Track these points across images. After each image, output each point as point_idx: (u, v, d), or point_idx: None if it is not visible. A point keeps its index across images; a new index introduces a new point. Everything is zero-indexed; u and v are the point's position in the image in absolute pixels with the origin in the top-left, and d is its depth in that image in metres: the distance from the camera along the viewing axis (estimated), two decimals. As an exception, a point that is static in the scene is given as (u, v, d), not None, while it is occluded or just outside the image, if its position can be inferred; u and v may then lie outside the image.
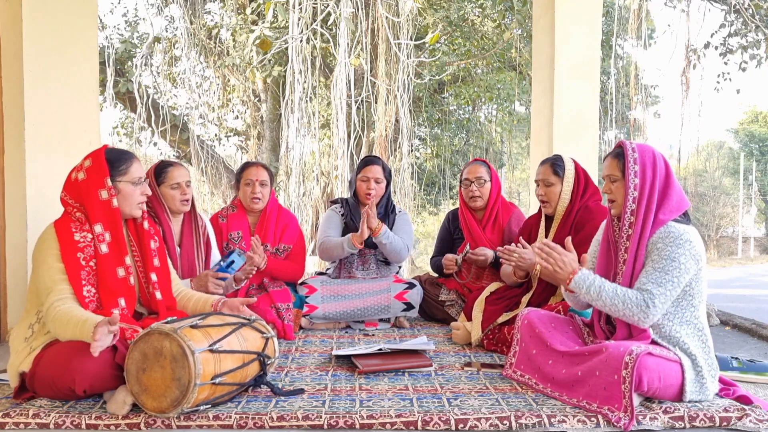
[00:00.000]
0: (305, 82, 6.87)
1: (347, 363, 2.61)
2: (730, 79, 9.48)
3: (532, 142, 4.85)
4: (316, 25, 6.66)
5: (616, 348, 1.99)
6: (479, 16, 9.92)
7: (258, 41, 7.17)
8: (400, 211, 3.66)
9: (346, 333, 3.37)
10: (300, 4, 6.48)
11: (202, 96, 9.76)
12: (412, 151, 9.71)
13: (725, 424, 1.95)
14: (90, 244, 2.15)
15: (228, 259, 2.84)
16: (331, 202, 3.83)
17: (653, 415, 1.95)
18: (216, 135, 10.85)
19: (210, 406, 2.00)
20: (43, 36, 3.30)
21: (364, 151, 8.43)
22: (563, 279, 2.15)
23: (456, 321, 3.25)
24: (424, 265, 11.35)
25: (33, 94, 3.26)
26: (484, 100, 10.53)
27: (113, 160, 2.20)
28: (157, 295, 2.27)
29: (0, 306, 3.30)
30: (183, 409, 1.89)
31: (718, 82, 9.60)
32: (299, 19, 6.58)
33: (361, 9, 6.51)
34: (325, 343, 3.09)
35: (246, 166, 3.45)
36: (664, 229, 2.10)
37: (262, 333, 2.24)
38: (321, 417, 1.94)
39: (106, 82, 7.60)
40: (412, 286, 3.46)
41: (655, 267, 2.06)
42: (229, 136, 11.11)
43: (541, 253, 2.16)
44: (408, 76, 7.48)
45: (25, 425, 1.94)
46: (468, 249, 3.44)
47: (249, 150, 10.52)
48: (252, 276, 3.09)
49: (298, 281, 3.57)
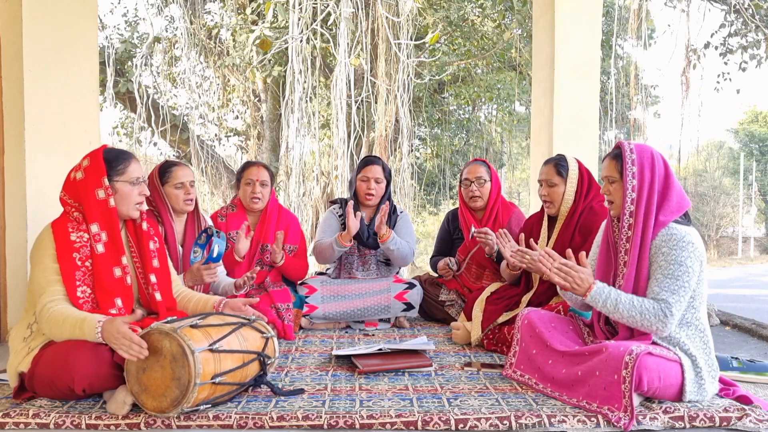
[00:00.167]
0: (305, 82, 6.87)
1: (347, 363, 2.61)
2: (730, 79, 9.49)
3: (532, 142, 4.85)
4: (316, 25, 6.66)
5: (616, 348, 1.99)
6: (479, 16, 9.92)
7: (258, 41, 7.17)
8: (402, 212, 3.65)
9: (346, 333, 3.37)
10: (300, 4, 6.48)
11: (202, 96, 9.76)
12: (412, 151, 9.71)
13: (725, 424, 1.95)
14: (86, 244, 2.15)
15: (211, 247, 2.68)
16: (331, 202, 3.83)
17: (653, 415, 1.96)
18: (216, 135, 10.85)
19: (210, 405, 2.00)
20: (43, 36, 3.30)
21: (364, 151, 8.43)
22: (580, 294, 2.14)
23: (456, 321, 3.25)
24: (424, 265, 11.35)
25: (33, 94, 3.26)
26: (484, 100, 10.52)
27: (111, 160, 2.20)
28: (157, 296, 2.26)
29: (0, 306, 3.30)
30: (183, 409, 1.89)
31: (718, 82, 9.61)
32: (299, 19, 6.58)
33: (361, 9, 6.51)
34: (325, 343, 3.09)
35: (247, 165, 3.45)
36: (666, 231, 2.09)
37: (262, 333, 2.24)
38: (321, 417, 1.94)
39: (106, 82, 7.60)
40: (412, 286, 3.46)
41: (665, 274, 2.05)
42: (229, 136, 11.11)
43: (560, 273, 2.15)
44: (408, 76, 7.48)
45: (25, 425, 1.94)
46: (473, 230, 3.35)
47: (249, 150, 10.52)
48: (253, 280, 3.10)
49: (299, 281, 3.57)
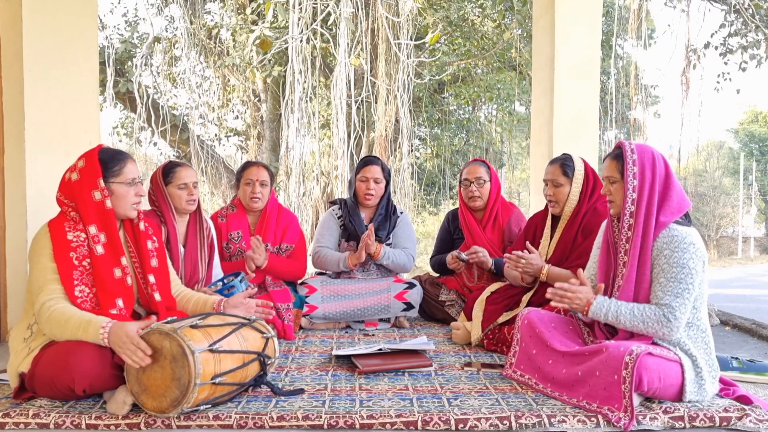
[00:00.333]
0: (305, 82, 6.87)
1: (347, 363, 2.61)
2: (730, 79, 9.49)
3: (532, 142, 4.85)
4: (316, 25, 6.66)
5: (617, 348, 1.99)
6: (479, 16, 9.92)
7: (258, 41, 7.17)
8: (401, 213, 3.65)
9: (346, 333, 3.37)
10: (300, 4, 6.48)
11: (202, 96, 9.76)
12: (412, 151, 9.71)
13: (725, 424, 1.95)
14: (83, 244, 2.14)
15: (229, 284, 2.84)
16: (330, 202, 3.83)
17: (653, 415, 1.96)
18: (216, 135, 10.85)
19: (210, 406, 2.00)
20: (43, 36, 3.30)
21: (364, 151, 8.43)
22: (581, 312, 2.17)
23: (456, 321, 3.25)
24: (424, 265, 11.33)
25: (33, 94, 3.26)
26: (484, 100, 10.53)
27: (106, 161, 2.18)
28: (156, 296, 2.26)
29: (0, 306, 3.30)
30: (183, 409, 1.89)
31: (718, 82, 9.61)
32: (299, 19, 6.58)
33: (361, 9, 6.51)
34: (325, 343, 3.09)
35: (247, 165, 3.45)
36: (667, 232, 2.09)
37: (262, 333, 2.24)
38: (321, 417, 1.94)
39: (106, 82, 7.60)
40: (412, 286, 3.46)
41: (668, 277, 2.05)
42: (229, 136, 11.11)
43: (555, 296, 2.17)
44: (408, 76, 7.48)
45: (25, 425, 1.94)
46: (464, 255, 3.39)
47: (249, 150, 10.52)
48: (253, 278, 3.10)
49: (299, 281, 3.57)
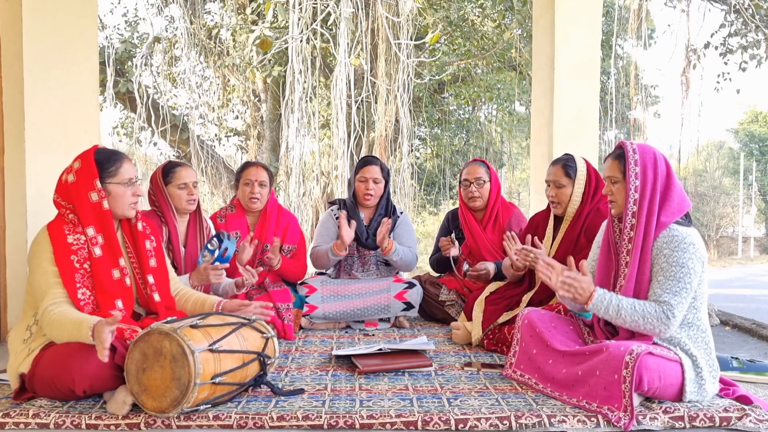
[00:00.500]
0: (305, 82, 6.87)
1: (347, 363, 2.61)
2: (730, 79, 9.49)
3: (532, 142, 4.85)
4: (316, 25, 6.66)
5: (617, 348, 1.99)
6: (479, 16, 9.92)
7: (258, 41, 7.17)
8: (401, 213, 3.65)
9: (346, 333, 3.37)
10: (300, 4, 6.48)
11: (202, 96, 9.76)
12: (412, 151, 9.71)
13: (725, 424, 1.95)
14: (83, 247, 2.14)
15: (222, 247, 2.77)
16: (329, 203, 3.82)
17: (653, 415, 1.95)
18: (216, 135, 10.85)
19: (210, 406, 2.00)
20: (43, 36, 3.30)
21: (364, 151, 8.43)
22: (582, 302, 2.14)
23: (456, 321, 3.24)
24: (424, 265, 11.32)
25: (33, 94, 3.26)
26: (484, 100, 10.53)
27: (102, 162, 2.17)
28: (155, 296, 2.26)
29: (0, 306, 3.30)
30: (183, 409, 1.89)
31: (718, 82, 9.60)
32: (299, 19, 6.58)
33: (361, 9, 6.51)
34: (325, 343, 3.09)
35: (246, 165, 3.45)
36: (668, 232, 2.09)
37: (262, 333, 2.24)
38: (321, 417, 1.94)
39: (106, 82, 7.60)
40: (412, 285, 3.46)
41: (666, 276, 2.05)
42: (229, 136, 11.11)
43: (564, 286, 2.14)
44: (408, 76, 7.48)
45: (25, 425, 1.94)
46: (467, 268, 3.44)
47: (249, 150, 10.52)
48: (255, 280, 3.09)
49: (299, 281, 3.57)
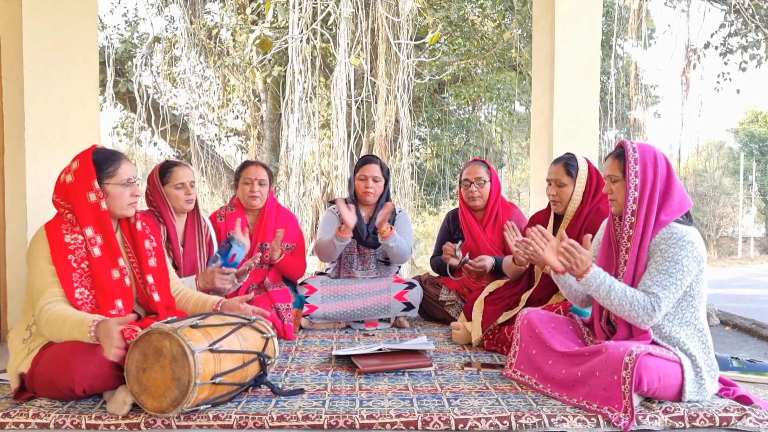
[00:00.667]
0: (305, 82, 6.87)
1: (347, 363, 2.61)
2: (730, 79, 9.48)
3: (532, 142, 4.85)
4: (316, 25, 6.66)
5: (616, 348, 1.99)
6: (479, 16, 9.92)
7: (258, 41, 7.17)
8: (401, 211, 3.65)
9: (346, 333, 3.37)
10: (300, 4, 6.48)
11: (202, 96, 9.76)
12: (412, 151, 9.70)
13: (725, 424, 1.95)
14: (81, 246, 2.14)
15: (230, 252, 2.79)
16: (330, 202, 3.83)
17: (653, 415, 1.96)
18: (216, 135, 10.85)
19: (210, 406, 2.00)
20: (43, 36, 3.30)
21: (364, 151, 8.43)
22: (577, 275, 2.14)
23: (456, 321, 3.25)
24: (424, 265, 11.34)
25: (33, 94, 3.26)
26: (484, 100, 10.52)
27: (101, 162, 2.17)
28: (155, 296, 2.26)
29: (0, 306, 3.30)
30: (183, 409, 1.89)
31: (718, 82, 9.60)
32: (299, 19, 6.58)
33: (361, 9, 6.51)
34: (325, 343, 3.09)
35: (245, 164, 3.46)
36: (667, 230, 2.10)
37: (262, 333, 2.24)
38: (321, 417, 1.94)
39: (106, 82, 7.60)
40: (412, 286, 3.46)
41: (659, 269, 2.06)
42: (229, 136, 11.11)
43: (564, 252, 2.14)
44: (408, 76, 7.48)
45: (25, 425, 1.94)
46: (467, 257, 3.41)
47: (249, 150, 10.52)
48: (254, 267, 3.09)
49: (299, 281, 3.57)
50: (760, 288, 9.59)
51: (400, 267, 3.75)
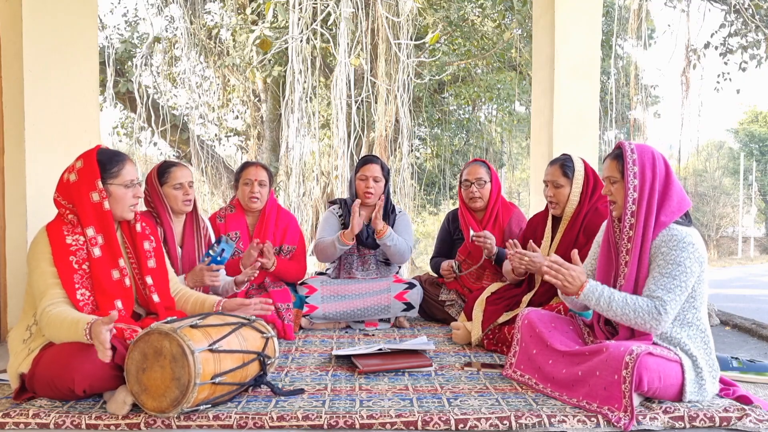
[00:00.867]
0: (305, 82, 6.87)
1: (347, 363, 2.61)
2: (730, 79, 9.48)
3: (532, 142, 4.85)
4: (316, 25, 6.66)
5: (617, 348, 1.99)
6: (479, 16, 9.92)
7: (258, 41, 7.17)
8: (400, 212, 3.65)
9: (346, 333, 3.37)
10: (300, 4, 6.48)
11: (202, 96, 9.76)
12: (412, 151, 9.71)
13: (725, 424, 1.95)
14: (82, 247, 2.14)
15: (218, 249, 2.79)
16: (330, 202, 3.83)
17: (653, 415, 1.96)
18: (216, 135, 10.85)
19: (210, 405, 2.00)
20: (43, 36, 3.30)
21: (364, 151, 8.43)
22: (572, 293, 2.14)
23: (456, 321, 3.25)
24: (424, 265, 11.35)
25: (33, 94, 3.26)
26: (484, 100, 10.52)
27: (105, 162, 2.17)
28: (155, 297, 2.26)
29: (0, 306, 3.30)
30: (183, 409, 1.89)
31: (718, 82, 9.60)
32: (299, 19, 6.58)
33: (361, 9, 6.51)
34: (325, 343, 3.09)
35: (245, 165, 3.45)
36: (667, 232, 2.09)
37: (262, 333, 2.24)
38: (321, 417, 1.94)
39: (106, 82, 7.60)
40: (412, 286, 3.47)
41: (662, 273, 2.05)
42: (229, 136, 11.11)
43: (550, 271, 2.14)
44: (408, 76, 7.48)
45: (25, 425, 1.94)
46: (473, 232, 3.38)
47: (249, 150, 10.52)
48: (254, 278, 3.09)
49: (299, 281, 3.57)
50: (760, 288, 9.59)
51: (400, 267, 3.75)
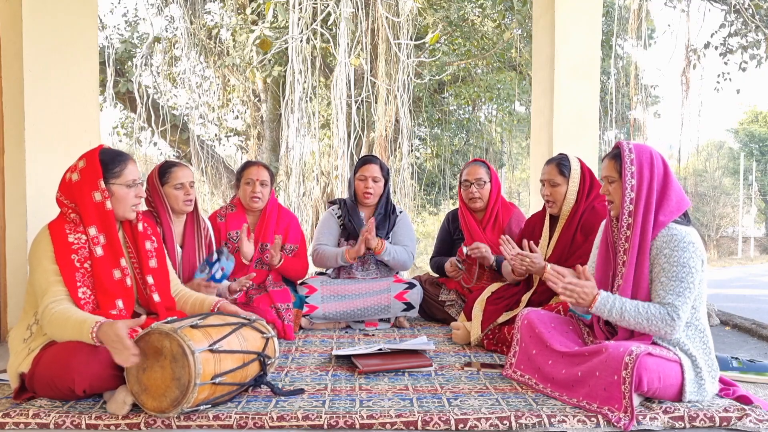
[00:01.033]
0: (305, 82, 6.87)
1: (347, 363, 2.61)
2: (730, 79, 9.48)
3: (532, 142, 4.85)
4: (316, 25, 6.66)
5: (616, 348, 1.99)
6: (479, 16, 9.92)
7: (258, 41, 7.17)
8: (401, 212, 3.65)
9: (346, 333, 3.37)
10: (300, 4, 6.48)
11: (202, 96, 9.76)
12: (412, 151, 9.71)
13: (725, 424, 1.95)
14: (84, 246, 2.14)
15: (217, 266, 2.77)
16: (330, 202, 3.82)
17: (653, 415, 1.96)
18: (216, 135, 10.85)
19: (210, 406, 2.00)
20: (43, 36, 3.30)
21: (364, 151, 8.43)
22: (585, 306, 2.13)
23: (456, 321, 3.25)
24: (424, 265, 11.34)
25: (33, 94, 3.26)
26: (484, 100, 10.53)
27: (107, 162, 2.17)
28: (155, 297, 2.26)
29: (0, 306, 3.30)
30: (183, 409, 1.89)
31: (718, 82, 9.60)
32: (299, 19, 6.58)
33: (361, 9, 6.51)
34: (325, 343, 3.09)
35: (247, 165, 3.45)
36: (666, 232, 2.09)
37: (262, 333, 2.24)
38: (321, 417, 1.95)
39: (106, 82, 7.60)
40: (412, 286, 3.47)
41: (669, 276, 2.05)
42: (229, 136, 11.11)
43: (565, 291, 2.13)
44: (408, 76, 7.48)
45: (25, 425, 1.94)
46: (465, 249, 3.41)
47: (249, 150, 10.52)
48: (247, 287, 3.08)
49: (299, 281, 3.57)
50: (760, 288, 9.60)
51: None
